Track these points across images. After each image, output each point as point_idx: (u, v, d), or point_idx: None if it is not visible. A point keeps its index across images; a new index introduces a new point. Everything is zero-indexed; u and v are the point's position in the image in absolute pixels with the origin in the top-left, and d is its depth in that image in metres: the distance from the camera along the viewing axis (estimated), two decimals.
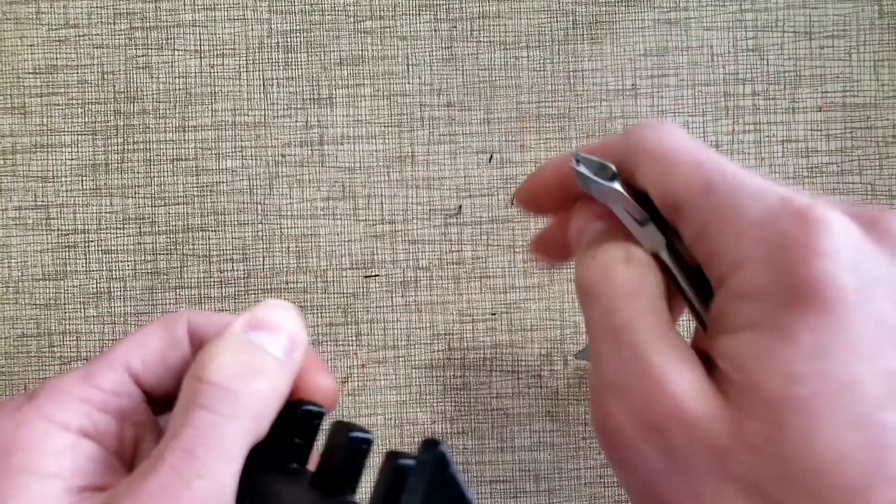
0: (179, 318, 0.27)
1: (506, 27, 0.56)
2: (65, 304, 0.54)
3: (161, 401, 0.27)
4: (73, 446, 0.23)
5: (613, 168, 0.25)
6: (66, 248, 0.55)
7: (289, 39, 0.55)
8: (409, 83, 0.55)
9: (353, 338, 0.55)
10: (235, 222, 0.55)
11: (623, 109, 0.55)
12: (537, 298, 0.55)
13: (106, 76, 0.55)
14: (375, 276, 0.55)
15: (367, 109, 0.55)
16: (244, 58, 0.55)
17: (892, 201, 0.55)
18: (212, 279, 0.55)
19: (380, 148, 0.55)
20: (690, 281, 0.24)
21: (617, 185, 0.24)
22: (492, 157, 0.55)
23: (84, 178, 0.55)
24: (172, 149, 0.55)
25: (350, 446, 0.22)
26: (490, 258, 0.55)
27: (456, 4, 0.55)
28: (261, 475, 0.23)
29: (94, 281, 0.55)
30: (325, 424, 0.26)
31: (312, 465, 0.25)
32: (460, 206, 0.55)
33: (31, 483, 0.22)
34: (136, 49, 0.55)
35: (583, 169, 0.25)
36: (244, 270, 0.55)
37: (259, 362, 0.24)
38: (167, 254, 0.55)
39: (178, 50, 0.55)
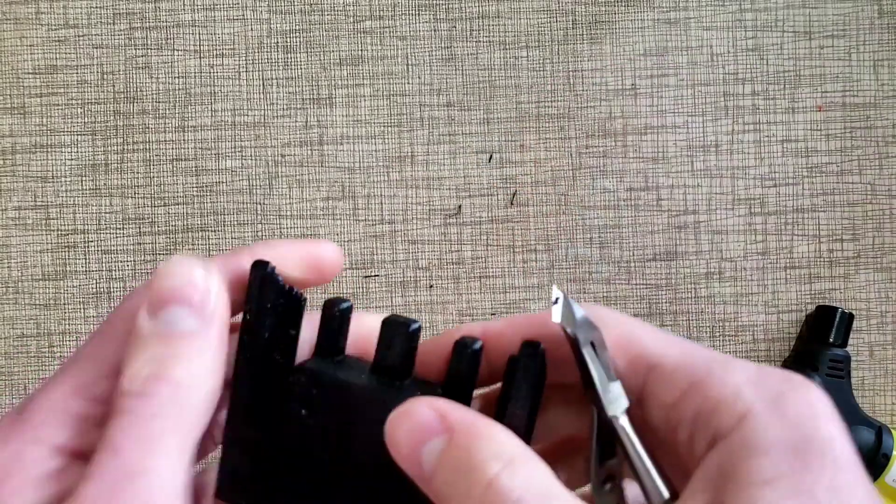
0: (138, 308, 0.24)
1: (505, 27, 0.56)
2: (64, 304, 0.54)
3: None
4: (63, 469, 0.22)
5: (595, 324, 0.23)
6: (66, 249, 0.55)
7: (288, 39, 0.55)
8: (408, 83, 0.55)
9: None
10: (235, 222, 0.55)
11: (623, 109, 0.55)
12: (537, 298, 0.55)
13: (105, 76, 0.55)
14: (375, 276, 0.55)
15: (367, 109, 0.55)
16: (243, 58, 0.55)
17: (891, 200, 0.55)
18: None
19: (379, 148, 0.55)
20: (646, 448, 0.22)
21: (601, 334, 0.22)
22: (491, 156, 0.55)
23: (84, 179, 0.55)
24: (172, 149, 0.55)
25: (409, 336, 0.24)
26: (490, 258, 0.55)
27: (455, 4, 0.55)
28: (310, 367, 0.24)
29: (94, 281, 0.55)
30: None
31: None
32: (460, 206, 0.55)
33: None
34: (135, 49, 0.55)
35: (566, 309, 0.22)
36: None
37: (172, 350, 0.22)
38: (167, 254, 0.55)
39: (178, 50, 0.55)
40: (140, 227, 0.55)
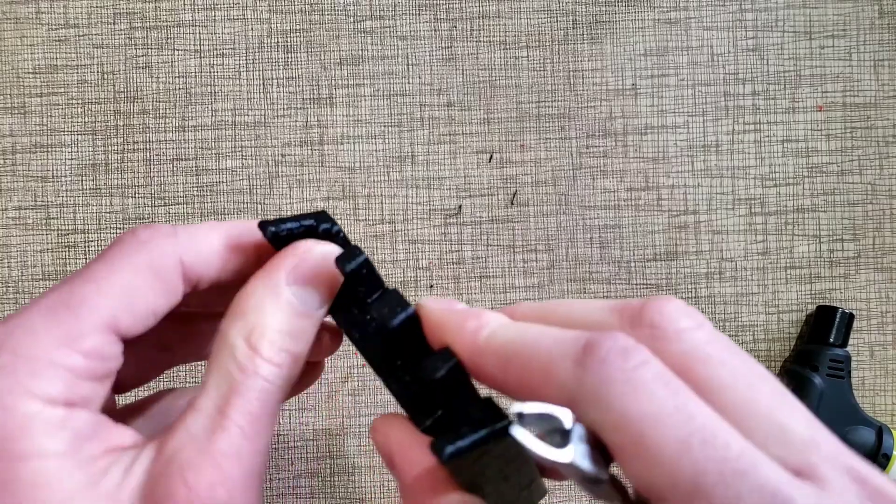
0: (169, 259, 0.24)
1: (506, 27, 0.56)
2: None
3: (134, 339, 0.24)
4: (65, 420, 0.22)
5: (566, 424, 0.18)
6: (66, 248, 0.55)
7: (288, 39, 0.55)
8: (409, 83, 0.55)
9: None
10: None
11: (623, 109, 0.55)
12: (537, 298, 0.55)
13: (106, 76, 0.55)
14: None
15: (367, 109, 0.55)
16: (244, 57, 0.55)
17: (892, 200, 0.55)
18: None
19: (380, 148, 0.55)
20: None
21: (570, 454, 0.18)
22: (492, 156, 0.55)
23: (84, 178, 0.55)
24: (172, 149, 0.55)
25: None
26: (490, 258, 0.55)
27: (456, 4, 0.55)
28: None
29: None
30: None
31: None
32: (460, 206, 0.55)
33: (42, 466, 0.21)
34: (135, 49, 0.55)
35: (525, 436, 0.18)
36: None
37: (301, 328, 0.24)
38: None
39: (178, 50, 0.55)
40: None
